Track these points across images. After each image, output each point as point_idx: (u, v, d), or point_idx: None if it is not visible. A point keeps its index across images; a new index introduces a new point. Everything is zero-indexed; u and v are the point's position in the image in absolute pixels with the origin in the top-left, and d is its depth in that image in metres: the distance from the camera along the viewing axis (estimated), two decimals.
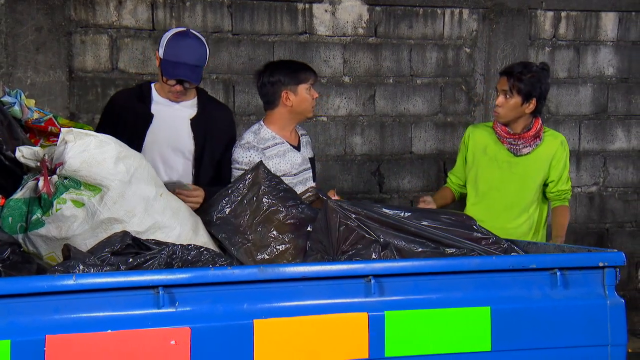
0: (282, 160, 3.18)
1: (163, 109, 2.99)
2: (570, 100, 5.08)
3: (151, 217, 2.26)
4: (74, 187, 2.16)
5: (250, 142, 3.12)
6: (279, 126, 3.23)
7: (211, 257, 2.16)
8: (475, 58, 4.87)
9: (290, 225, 2.50)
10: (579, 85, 5.09)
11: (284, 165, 3.17)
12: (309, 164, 3.28)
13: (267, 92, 3.20)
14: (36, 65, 4.07)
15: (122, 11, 4.27)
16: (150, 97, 3.00)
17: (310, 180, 3.26)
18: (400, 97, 4.81)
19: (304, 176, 3.25)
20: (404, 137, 4.84)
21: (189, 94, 3.04)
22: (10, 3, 4.01)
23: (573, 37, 5.04)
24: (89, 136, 2.20)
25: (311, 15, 4.59)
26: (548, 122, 5.11)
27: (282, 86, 3.18)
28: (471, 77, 4.89)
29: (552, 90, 5.10)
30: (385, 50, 4.74)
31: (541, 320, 2.16)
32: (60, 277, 1.89)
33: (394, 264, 2.17)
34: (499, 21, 4.86)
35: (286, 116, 3.22)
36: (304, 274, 2.06)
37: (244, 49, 4.50)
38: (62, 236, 2.17)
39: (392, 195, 4.79)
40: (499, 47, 4.87)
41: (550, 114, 5.11)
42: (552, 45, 5.02)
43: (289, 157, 3.20)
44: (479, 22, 4.85)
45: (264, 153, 3.13)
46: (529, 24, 4.93)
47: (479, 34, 4.86)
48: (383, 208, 2.49)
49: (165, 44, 2.92)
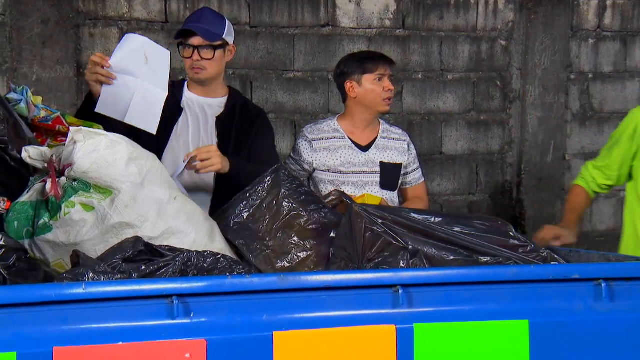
0: (332, 155, 3.24)
1: (192, 104, 3.07)
2: (616, 97, 5.03)
3: (165, 222, 2.28)
4: (83, 190, 2.19)
5: (304, 130, 3.31)
6: (349, 121, 3.30)
7: (228, 264, 2.18)
8: (511, 51, 4.84)
9: (313, 231, 2.51)
10: (626, 80, 5.04)
11: (331, 160, 3.23)
12: (376, 168, 3.28)
13: (337, 85, 3.35)
14: (42, 60, 4.12)
15: (133, 2, 4.32)
16: (182, 92, 3.09)
17: (371, 185, 3.25)
18: (429, 93, 4.80)
19: (361, 179, 3.25)
20: (433, 137, 4.82)
21: (218, 88, 3.09)
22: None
23: (619, 28, 4.99)
24: (99, 135, 2.22)
25: (334, 6, 4.60)
26: (591, 120, 5.07)
27: (346, 77, 3.28)
28: (507, 71, 4.87)
29: (596, 86, 5.06)
30: (414, 44, 4.74)
31: (584, 335, 2.14)
32: (69, 286, 1.91)
33: (424, 273, 2.17)
34: (537, 11, 4.83)
35: (355, 110, 3.29)
36: (327, 283, 2.06)
37: (262, 42, 4.52)
38: (70, 242, 2.19)
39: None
40: (538, 39, 4.83)
41: (593, 111, 5.07)
42: (597, 37, 4.98)
43: (342, 153, 3.25)
44: (516, 12, 4.82)
45: (311, 144, 3.25)
46: (571, 13, 4.90)
47: (515, 25, 4.83)
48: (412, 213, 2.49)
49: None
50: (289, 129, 4.62)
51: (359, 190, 3.20)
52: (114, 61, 2.64)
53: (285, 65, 4.59)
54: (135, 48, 2.66)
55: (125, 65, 2.64)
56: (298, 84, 4.62)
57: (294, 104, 4.64)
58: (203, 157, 2.76)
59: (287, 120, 4.62)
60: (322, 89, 4.64)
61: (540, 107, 4.90)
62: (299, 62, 4.60)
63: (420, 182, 3.47)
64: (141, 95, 2.65)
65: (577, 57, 4.98)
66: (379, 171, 3.28)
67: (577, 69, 4.99)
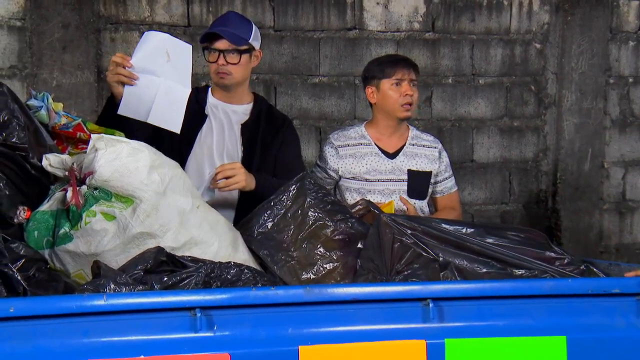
0: (357, 162, 3.24)
1: (217, 111, 3.08)
2: None
3: (187, 232, 2.29)
4: (105, 199, 2.21)
5: (330, 137, 3.34)
6: (375, 127, 3.32)
7: (252, 276, 2.18)
8: (546, 54, 4.81)
9: (339, 242, 2.51)
10: None
11: (357, 167, 3.24)
12: (403, 176, 3.27)
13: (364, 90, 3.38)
14: (62, 65, 4.17)
15: (155, 6, 4.36)
16: (206, 98, 3.10)
17: (398, 194, 3.25)
18: (460, 98, 4.78)
19: (388, 187, 3.25)
20: (464, 144, 4.80)
21: (244, 95, 3.11)
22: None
23: None
24: (121, 143, 2.24)
25: (361, 9, 4.61)
26: (631, 126, 5.01)
27: (367, 82, 3.32)
28: (542, 76, 4.83)
29: (637, 91, 5.01)
30: (444, 47, 4.72)
31: (625, 352, 2.12)
32: (90, 297, 1.93)
33: (455, 286, 2.16)
34: (574, 12, 4.79)
35: (378, 116, 3.32)
36: (354, 295, 2.06)
37: (286, 46, 4.54)
38: (91, 252, 2.21)
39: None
40: (575, 41, 4.79)
41: (634, 117, 5.01)
42: (637, 39, 4.92)
43: (369, 160, 3.25)
44: (552, 13, 4.79)
45: (337, 150, 3.28)
46: (610, 14, 4.85)
47: (551, 27, 4.80)
48: (442, 223, 2.48)
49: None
50: (313, 136, 4.63)
51: (386, 199, 3.19)
52: (135, 61, 2.66)
53: (311, 70, 4.61)
54: (156, 46, 2.67)
55: (146, 64, 2.65)
56: (323, 89, 4.63)
57: (319, 110, 4.65)
58: (227, 174, 2.77)
59: (312, 127, 4.63)
60: (348, 94, 4.64)
61: (577, 113, 4.85)
62: (325, 67, 4.61)
63: (453, 191, 3.45)
64: (164, 94, 2.66)
65: (616, 60, 4.93)
66: (406, 179, 3.27)
67: (616, 72, 4.95)
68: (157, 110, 2.66)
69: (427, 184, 3.33)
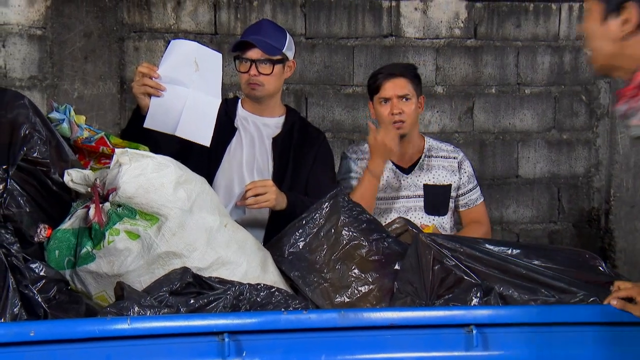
0: None
1: (247, 124, 3.11)
2: None
3: (214, 251, 2.31)
4: (129, 217, 2.24)
5: (346, 151, 3.39)
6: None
7: (283, 298, 2.19)
8: None
9: (375, 263, 2.51)
10: None
11: None
12: (419, 191, 3.26)
13: None
14: (84, 75, 4.24)
15: (181, 13, 4.42)
16: (236, 110, 3.13)
17: (415, 210, 3.23)
18: (504, 109, 4.76)
19: (404, 204, 3.24)
20: (508, 158, 4.78)
21: (275, 107, 3.14)
22: (57, 5, 4.20)
23: None
24: (146, 158, 2.27)
25: (398, 15, 4.63)
26: None
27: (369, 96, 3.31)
28: (594, 85, 4.79)
29: None
30: (487, 55, 4.72)
31: None
32: (113, 321, 1.96)
33: (501, 312, 2.14)
34: None
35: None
36: (391, 320, 2.06)
37: (319, 54, 4.57)
38: (114, 272, 2.24)
39: (494, 228, 4.73)
40: None
41: None
42: None
43: (383, 177, 3.24)
44: None
45: (355, 162, 3.33)
46: None
47: None
48: (485, 243, 2.47)
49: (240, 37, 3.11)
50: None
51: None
52: (162, 70, 2.68)
53: (344, 79, 4.63)
54: (184, 54, 2.69)
55: (174, 74, 2.68)
56: (357, 99, 4.65)
57: (352, 122, 4.66)
58: (258, 192, 2.79)
59: (345, 139, 4.65)
60: None
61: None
62: (359, 76, 4.63)
63: (479, 203, 3.40)
64: (193, 105, 2.68)
65: None
66: (422, 195, 3.25)
67: None
68: (185, 123, 2.68)
69: (446, 199, 3.29)
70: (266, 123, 3.13)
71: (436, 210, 3.27)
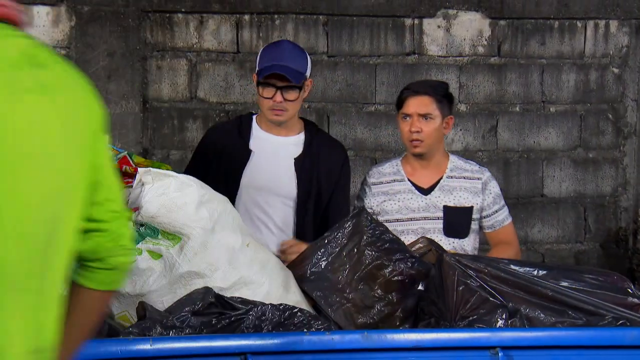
0: (389, 199, 3.20)
1: (264, 144, 3.06)
2: None
3: (237, 271, 2.32)
4: (151, 236, 2.25)
5: (367, 175, 3.33)
6: (409, 161, 3.27)
7: (306, 319, 2.19)
8: (625, 80, 4.75)
9: (398, 283, 2.50)
10: None
11: (389, 205, 3.19)
12: (438, 213, 3.22)
13: None
14: (107, 94, 4.29)
15: (204, 32, 4.46)
16: (250, 130, 3.08)
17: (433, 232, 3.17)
18: (529, 128, 4.75)
19: (422, 226, 3.18)
20: (533, 177, 4.76)
21: (293, 125, 3.08)
22: (81, 25, 4.27)
23: None
24: (169, 177, 2.29)
25: (421, 32, 4.64)
26: None
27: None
28: (620, 103, 4.77)
29: None
30: (511, 72, 4.71)
31: None
32: (135, 341, 1.97)
33: (528, 334, 2.13)
34: None
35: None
36: (416, 342, 2.05)
37: (341, 72, 4.59)
38: (136, 292, 2.25)
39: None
40: None
41: None
42: None
43: (401, 198, 3.20)
44: (631, 35, 4.74)
45: (370, 188, 3.26)
46: None
47: (630, 51, 4.75)
48: (511, 264, 2.45)
49: (259, 55, 3.07)
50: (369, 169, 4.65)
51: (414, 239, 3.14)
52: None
53: (366, 97, 4.64)
54: None
55: None
56: (380, 118, 4.66)
57: (375, 140, 4.67)
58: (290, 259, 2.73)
59: (368, 158, 4.65)
60: None
61: None
62: (381, 95, 4.64)
63: (506, 224, 3.33)
64: None
65: None
66: (442, 216, 3.22)
67: None
68: None
69: (468, 221, 3.23)
70: (284, 143, 3.08)
71: (456, 233, 3.21)
